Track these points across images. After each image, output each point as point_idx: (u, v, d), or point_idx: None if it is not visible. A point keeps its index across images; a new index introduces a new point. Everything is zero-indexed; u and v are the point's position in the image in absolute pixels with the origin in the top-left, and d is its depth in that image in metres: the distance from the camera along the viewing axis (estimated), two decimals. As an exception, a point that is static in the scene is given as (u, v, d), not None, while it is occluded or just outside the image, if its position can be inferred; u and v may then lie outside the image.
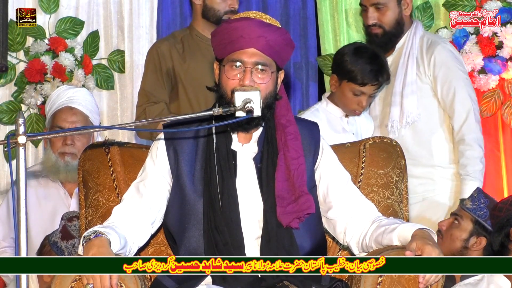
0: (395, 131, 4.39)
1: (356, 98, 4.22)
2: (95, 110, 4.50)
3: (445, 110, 4.42)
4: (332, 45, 5.16)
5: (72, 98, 4.43)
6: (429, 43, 4.45)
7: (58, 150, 4.35)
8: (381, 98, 4.50)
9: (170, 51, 4.47)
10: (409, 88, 4.38)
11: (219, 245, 2.94)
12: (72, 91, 4.48)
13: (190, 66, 4.47)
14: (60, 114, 4.40)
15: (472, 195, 4.00)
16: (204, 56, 4.44)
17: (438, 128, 4.44)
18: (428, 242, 2.78)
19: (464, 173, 4.33)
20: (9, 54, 4.94)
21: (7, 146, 2.60)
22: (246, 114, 2.82)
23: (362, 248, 3.04)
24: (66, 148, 4.34)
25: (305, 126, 3.13)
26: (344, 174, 3.16)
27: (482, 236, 3.93)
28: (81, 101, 4.44)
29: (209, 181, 3.00)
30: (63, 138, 4.35)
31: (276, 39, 2.98)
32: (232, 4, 4.46)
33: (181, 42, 4.51)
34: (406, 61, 4.42)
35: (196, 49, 4.51)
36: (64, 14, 5.20)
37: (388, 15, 4.43)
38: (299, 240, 2.99)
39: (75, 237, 3.89)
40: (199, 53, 4.49)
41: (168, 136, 3.06)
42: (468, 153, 4.33)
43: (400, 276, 2.82)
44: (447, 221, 4.03)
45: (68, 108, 4.41)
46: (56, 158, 4.35)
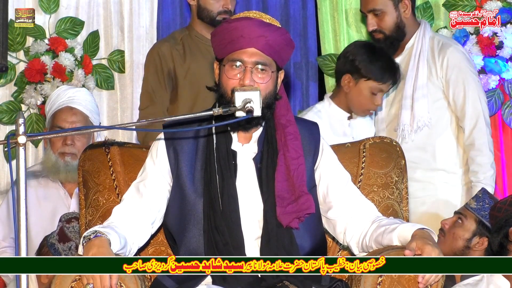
0: (406, 135, 4.37)
1: (373, 97, 4.23)
2: (95, 110, 4.50)
3: (454, 113, 4.40)
4: (332, 45, 5.16)
5: (72, 98, 4.43)
6: (440, 45, 4.43)
7: (58, 150, 4.35)
8: (388, 100, 4.49)
9: (171, 52, 4.48)
10: (420, 91, 4.35)
11: (219, 245, 2.94)
12: (72, 91, 4.48)
13: (190, 66, 4.47)
14: (60, 114, 4.40)
15: (477, 195, 3.99)
16: (204, 56, 4.44)
17: (444, 131, 4.42)
18: (428, 242, 2.78)
19: (476, 180, 4.30)
20: (9, 54, 4.94)
21: (7, 146, 2.60)
22: (246, 114, 2.82)
23: (362, 248, 3.04)
24: (66, 148, 4.34)
25: (305, 126, 3.13)
26: (344, 174, 3.15)
27: (485, 236, 3.92)
28: (81, 101, 4.44)
29: (209, 181, 3.00)
30: (63, 138, 4.35)
31: (276, 39, 2.98)
32: (225, 5, 4.45)
33: (181, 43, 4.51)
34: (417, 63, 4.41)
35: (196, 50, 4.51)
36: (64, 14, 5.19)
37: (386, 20, 4.43)
38: (299, 240, 2.99)
39: (71, 240, 3.89)
40: (199, 54, 4.49)
41: (168, 136, 3.06)
42: (479, 159, 4.31)
43: (400, 276, 2.82)
44: (450, 219, 4.01)
45: (68, 108, 4.40)
46: (56, 158, 4.35)
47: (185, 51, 4.49)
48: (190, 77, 4.46)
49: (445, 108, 4.41)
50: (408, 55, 4.44)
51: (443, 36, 4.67)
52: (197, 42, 4.51)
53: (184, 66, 4.46)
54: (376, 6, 4.41)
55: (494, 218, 3.80)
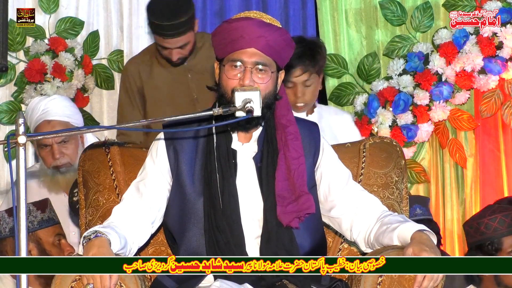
0: None
1: (290, 90, 4.05)
2: (73, 113, 4.40)
3: None
4: (332, 45, 5.16)
5: (46, 110, 4.33)
6: None
7: (51, 164, 4.33)
8: None
9: (139, 70, 4.56)
10: None
11: (220, 243, 2.94)
12: (44, 102, 4.37)
13: (156, 83, 4.55)
14: (40, 131, 4.29)
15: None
16: (169, 74, 4.53)
17: None
18: (424, 248, 2.78)
19: None
20: (9, 54, 4.94)
21: (7, 146, 2.60)
22: (246, 114, 2.82)
23: (368, 245, 3.04)
24: (57, 161, 4.32)
25: (305, 126, 3.13)
26: (345, 172, 3.15)
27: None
28: (57, 111, 4.34)
29: (209, 180, 3.00)
30: (51, 153, 4.31)
31: (276, 39, 2.98)
32: (173, 54, 4.44)
33: (150, 59, 4.59)
34: None
35: (162, 68, 4.57)
36: (64, 14, 5.20)
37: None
38: (299, 240, 2.99)
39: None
40: (164, 72, 4.56)
41: (168, 136, 3.07)
42: None
43: (400, 276, 2.82)
44: None
45: (46, 122, 4.32)
46: (52, 171, 4.34)
47: (152, 69, 4.56)
48: (157, 94, 4.54)
49: None
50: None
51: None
52: (163, 60, 4.57)
53: (150, 84, 4.53)
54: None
55: (481, 234, 3.77)
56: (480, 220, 3.84)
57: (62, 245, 4.01)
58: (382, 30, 5.16)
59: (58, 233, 4.03)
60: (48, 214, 4.01)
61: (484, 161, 5.05)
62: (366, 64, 5.15)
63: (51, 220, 4.02)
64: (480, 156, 5.05)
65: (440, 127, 5.06)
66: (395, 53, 5.11)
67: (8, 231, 3.98)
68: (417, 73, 5.01)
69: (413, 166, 5.05)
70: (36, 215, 3.96)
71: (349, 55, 5.18)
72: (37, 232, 3.96)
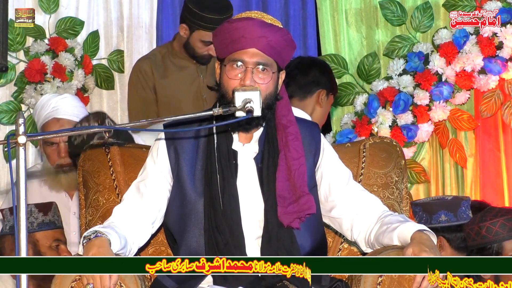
0: None
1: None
2: (82, 113, 4.40)
3: None
4: (332, 45, 5.16)
5: (56, 108, 4.34)
6: None
7: (56, 162, 4.33)
8: None
9: (152, 69, 4.61)
10: None
11: (220, 244, 2.94)
12: (55, 100, 4.38)
13: (169, 84, 4.57)
14: (48, 128, 4.32)
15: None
16: (183, 75, 4.54)
17: None
18: (424, 249, 2.78)
19: None
20: (9, 54, 4.94)
21: (7, 146, 2.60)
22: (246, 114, 2.82)
23: (369, 245, 3.04)
24: (62, 160, 4.32)
25: (306, 127, 3.13)
26: (345, 172, 3.15)
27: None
28: (66, 109, 4.35)
29: (210, 181, 3.00)
30: (57, 151, 4.32)
31: (277, 40, 2.98)
32: (210, 50, 4.56)
33: (162, 61, 4.64)
34: None
35: (175, 68, 4.60)
36: (64, 14, 5.20)
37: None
38: (299, 240, 2.99)
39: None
40: (178, 72, 4.59)
41: (169, 136, 3.06)
42: None
43: (400, 276, 2.82)
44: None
45: (55, 120, 4.33)
46: (56, 170, 4.34)
47: (165, 69, 4.60)
48: (167, 93, 4.58)
49: None
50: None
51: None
52: (177, 61, 4.65)
53: (162, 83, 4.56)
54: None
55: (482, 237, 3.77)
56: (481, 223, 3.84)
57: (60, 250, 3.99)
58: (382, 30, 5.16)
59: (57, 238, 4.01)
60: (50, 218, 3.99)
61: (484, 161, 5.05)
62: (366, 64, 5.15)
63: (51, 224, 4.00)
64: (480, 156, 5.05)
65: (440, 127, 5.06)
66: (395, 53, 5.11)
67: (8, 229, 3.98)
68: (417, 73, 5.01)
69: (413, 166, 5.05)
70: (37, 217, 3.95)
71: (349, 55, 5.18)
72: (35, 234, 3.95)
